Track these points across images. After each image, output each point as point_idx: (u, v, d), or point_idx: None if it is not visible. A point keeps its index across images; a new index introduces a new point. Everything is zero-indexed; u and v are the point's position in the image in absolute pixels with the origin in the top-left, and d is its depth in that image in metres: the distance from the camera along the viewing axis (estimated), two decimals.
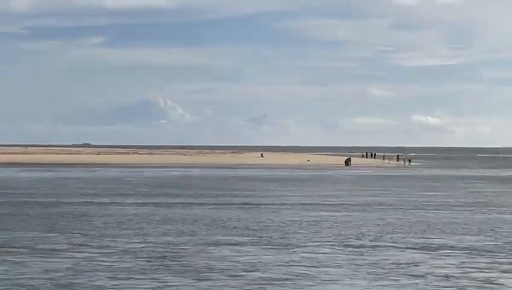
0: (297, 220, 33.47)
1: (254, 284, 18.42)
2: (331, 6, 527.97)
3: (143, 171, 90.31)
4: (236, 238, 27.14)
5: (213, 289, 17.70)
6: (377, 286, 17.99)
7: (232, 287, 18.06)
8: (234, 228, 30.54)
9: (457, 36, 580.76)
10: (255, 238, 27.15)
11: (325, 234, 28.14)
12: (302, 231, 29.27)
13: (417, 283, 18.06)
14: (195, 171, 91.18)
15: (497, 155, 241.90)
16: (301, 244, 25.46)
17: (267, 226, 30.89)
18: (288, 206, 41.22)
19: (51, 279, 18.76)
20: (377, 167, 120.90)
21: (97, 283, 18.33)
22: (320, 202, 44.38)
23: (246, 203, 43.27)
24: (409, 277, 18.89)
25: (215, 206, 40.93)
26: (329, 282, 18.62)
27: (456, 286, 17.59)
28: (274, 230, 29.71)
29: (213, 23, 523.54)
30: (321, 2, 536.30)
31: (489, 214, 37.73)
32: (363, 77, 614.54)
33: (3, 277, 19.06)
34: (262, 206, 41.30)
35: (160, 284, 18.24)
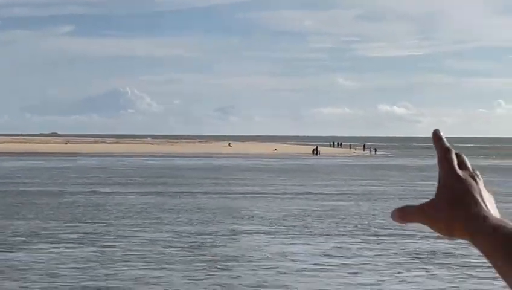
0: (307, 209, 33.25)
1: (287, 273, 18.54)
2: None
3: (123, 161, 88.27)
4: (258, 227, 27.09)
5: (243, 279, 17.74)
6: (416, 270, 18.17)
7: (262, 276, 18.18)
8: (251, 217, 30.35)
9: (422, 27, 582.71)
10: (282, 227, 27.06)
11: (344, 223, 28.13)
12: (320, 220, 29.21)
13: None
14: (177, 161, 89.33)
15: (461, 145, 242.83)
16: (325, 233, 25.60)
17: (285, 216, 30.66)
18: (290, 196, 40.78)
19: (83, 269, 18.85)
20: (350, 156, 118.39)
21: (132, 273, 18.44)
22: (323, 191, 43.93)
23: (248, 193, 42.74)
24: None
25: (220, 196, 40.46)
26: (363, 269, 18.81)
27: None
28: (294, 219, 29.67)
29: (180, 13, 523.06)
30: None
31: None
32: (329, 68, 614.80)
33: (37, 266, 19.10)
34: (266, 195, 40.80)
35: (192, 274, 18.33)
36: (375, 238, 24.10)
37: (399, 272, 18.31)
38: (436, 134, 1.43)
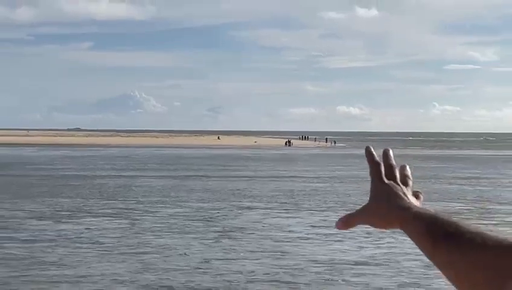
0: (294, 189, 33.01)
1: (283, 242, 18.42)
2: (275, 19, 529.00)
3: (137, 151, 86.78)
4: (256, 204, 26.91)
5: (250, 247, 17.51)
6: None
7: (262, 243, 18.06)
8: (250, 196, 30.06)
9: (372, 44, 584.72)
10: (275, 204, 26.81)
11: (325, 201, 27.95)
12: (306, 198, 29.03)
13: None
14: (180, 151, 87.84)
15: (404, 138, 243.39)
16: (311, 209, 25.44)
17: (277, 195, 30.40)
18: (277, 179, 40.45)
19: (119, 237, 18.73)
20: (316, 147, 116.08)
21: (159, 240, 18.30)
22: (303, 175, 43.55)
23: (243, 176, 42.31)
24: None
25: (221, 179, 40.10)
26: (345, 238, 18.59)
27: None
28: (285, 197, 29.46)
29: (181, 32, 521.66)
30: (267, 15, 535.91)
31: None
32: (299, 76, 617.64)
33: (82, 235, 19.01)
34: (258, 179, 40.40)
35: (207, 241, 18.21)
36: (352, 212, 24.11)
37: (374, 240, 18.22)
38: (367, 150, 1.46)
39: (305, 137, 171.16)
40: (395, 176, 1.43)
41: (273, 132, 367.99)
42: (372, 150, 1.46)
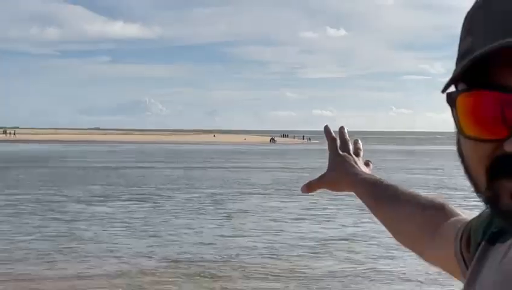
0: (286, 178, 32.75)
1: (280, 221, 18.39)
2: (260, 38, 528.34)
3: (149, 146, 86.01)
4: (256, 190, 26.78)
5: (252, 226, 17.45)
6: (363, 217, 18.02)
7: (263, 223, 17.97)
8: (250, 183, 29.87)
9: (341, 58, 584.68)
10: (272, 190, 26.80)
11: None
12: (296, 186, 28.56)
13: None
14: (185, 146, 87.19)
15: (367, 136, 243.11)
16: (301, 195, 25.07)
17: (272, 183, 30.24)
18: (270, 169, 40.21)
19: (144, 218, 18.60)
20: (295, 143, 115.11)
21: (177, 220, 18.30)
22: (290, 166, 43.27)
23: (242, 167, 42.02)
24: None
25: (223, 170, 39.86)
26: (331, 218, 18.74)
27: None
28: (284, 182, 29.40)
29: (182, 48, 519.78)
30: (254, 35, 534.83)
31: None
32: (281, 85, 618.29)
33: (112, 217, 18.86)
34: (255, 169, 40.09)
35: (217, 221, 18.18)
36: (335, 197, 23.98)
37: (355, 220, 18.22)
38: (325, 128, 1.50)
39: (286, 135, 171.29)
40: (348, 149, 1.47)
41: (259, 131, 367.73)
42: (330, 128, 1.50)
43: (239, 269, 12.04)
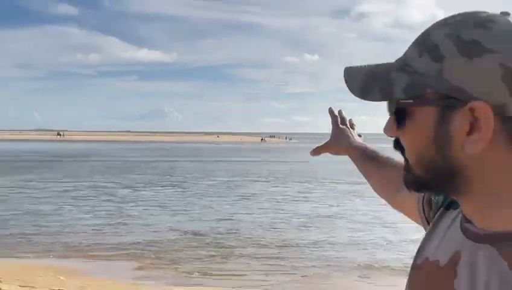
0: (281, 169, 32.24)
1: (281, 202, 18.24)
2: (253, 62, 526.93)
3: (169, 144, 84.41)
4: (260, 178, 26.42)
5: (259, 205, 17.21)
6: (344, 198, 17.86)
7: (268, 203, 17.78)
8: (255, 173, 29.43)
9: (315, 77, 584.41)
10: (272, 178, 26.39)
11: (302, 176, 27.63)
12: (290, 175, 28.47)
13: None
14: (197, 145, 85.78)
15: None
16: (295, 181, 25.02)
17: (272, 173, 29.76)
18: (268, 162, 39.67)
19: (175, 200, 18.33)
20: (280, 142, 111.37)
21: (201, 201, 17.95)
22: (284, 160, 42.99)
23: (246, 161, 41.57)
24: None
25: (232, 162, 39.20)
26: (320, 200, 18.47)
27: None
28: (281, 173, 28.98)
29: (193, 69, 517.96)
30: (248, 59, 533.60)
31: None
32: (269, 98, 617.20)
33: (152, 198, 18.66)
34: (256, 162, 39.53)
35: (232, 202, 17.96)
36: (322, 183, 23.98)
37: (339, 201, 18.10)
38: (330, 109, 1.50)
39: (272, 136, 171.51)
40: (346, 124, 1.48)
41: (252, 133, 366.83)
42: (333, 109, 1.51)
43: (242, 239, 11.92)
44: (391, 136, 0.78)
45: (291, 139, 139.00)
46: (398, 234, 11.99)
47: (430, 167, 0.73)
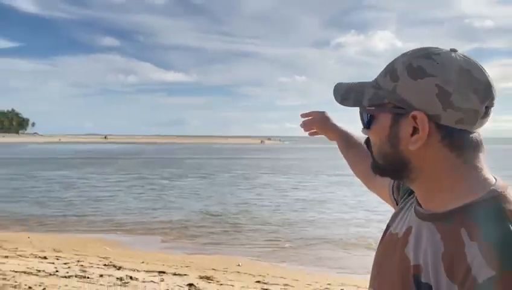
0: (282, 164, 31.33)
1: (287, 189, 17.84)
2: (252, 81, 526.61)
3: (192, 146, 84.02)
4: (267, 172, 25.90)
5: (268, 192, 16.81)
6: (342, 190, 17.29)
7: (274, 190, 17.41)
8: (263, 167, 28.78)
9: (302, 93, 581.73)
10: (276, 171, 25.87)
11: (300, 170, 26.82)
12: (289, 170, 27.77)
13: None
14: (212, 145, 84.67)
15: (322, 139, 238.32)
16: (292, 173, 24.57)
17: (274, 167, 29.11)
18: (270, 159, 38.82)
19: (204, 189, 17.93)
20: (275, 144, 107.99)
21: (223, 189, 17.76)
22: (284, 157, 41.82)
23: (253, 157, 40.75)
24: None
25: (243, 159, 38.68)
26: (316, 188, 18.02)
27: None
28: (282, 167, 28.16)
29: (208, 88, 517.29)
30: (249, 80, 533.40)
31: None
32: (265, 109, 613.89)
33: (186, 187, 18.15)
34: (261, 158, 38.73)
35: (247, 189, 17.53)
36: (316, 175, 23.58)
37: (330, 190, 17.76)
38: (302, 114, 1.35)
39: (269, 139, 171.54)
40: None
41: (252, 136, 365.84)
42: (306, 112, 1.36)
43: (251, 218, 11.59)
44: (365, 135, 0.83)
45: (284, 141, 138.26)
46: (378, 215, 11.73)
47: (387, 158, 0.78)
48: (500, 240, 0.66)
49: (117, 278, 5.44)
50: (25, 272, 5.59)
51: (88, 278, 5.46)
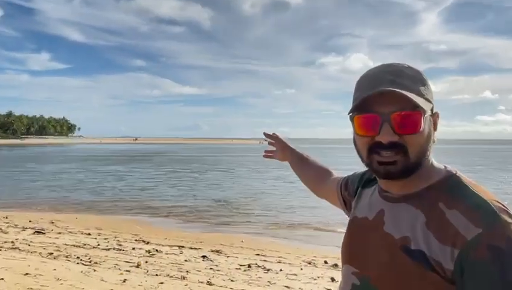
0: (279, 162, 30.19)
1: (292, 180, 17.32)
2: (252, 94, 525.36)
3: (206, 146, 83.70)
4: (267, 168, 24.58)
5: (280, 186, 16.25)
6: None
7: (284, 184, 16.59)
8: (265, 164, 27.08)
9: (292, 104, 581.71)
10: (274, 168, 24.28)
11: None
12: (287, 168, 26.40)
13: None
14: (222, 145, 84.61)
15: (308, 140, 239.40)
16: (289, 171, 24.16)
17: (273, 165, 26.96)
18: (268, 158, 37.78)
19: (223, 180, 17.38)
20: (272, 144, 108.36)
21: (242, 181, 17.28)
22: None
23: (254, 155, 38.07)
24: None
25: (251, 156, 37.69)
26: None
27: None
28: (282, 165, 26.97)
29: (216, 99, 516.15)
30: (250, 92, 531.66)
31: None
32: (263, 116, 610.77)
33: (208, 178, 17.79)
34: (260, 156, 37.20)
35: (261, 181, 17.15)
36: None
37: None
38: (265, 133, 1.31)
39: (265, 140, 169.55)
40: (277, 136, 1.33)
41: (252, 138, 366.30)
42: (266, 132, 1.33)
43: (258, 205, 11.18)
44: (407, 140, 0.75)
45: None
46: None
47: (424, 155, 0.75)
48: (476, 203, 0.69)
49: (146, 251, 5.58)
50: (74, 245, 5.80)
51: (123, 250, 5.59)
